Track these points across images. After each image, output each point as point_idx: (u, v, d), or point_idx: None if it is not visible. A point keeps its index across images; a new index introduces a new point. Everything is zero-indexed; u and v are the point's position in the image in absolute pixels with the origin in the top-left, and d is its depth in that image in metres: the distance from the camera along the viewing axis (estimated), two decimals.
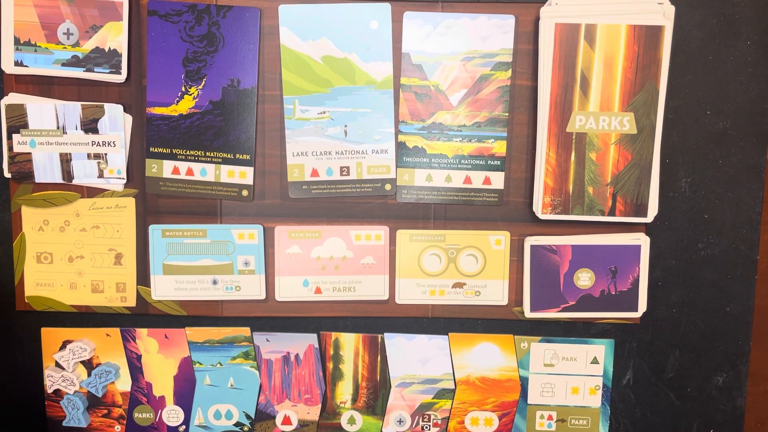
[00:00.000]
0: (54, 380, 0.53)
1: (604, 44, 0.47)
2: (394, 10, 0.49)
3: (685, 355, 0.53)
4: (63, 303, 0.52)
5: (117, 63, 0.49)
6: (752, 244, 0.51)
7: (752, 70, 0.49)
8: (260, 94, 0.50)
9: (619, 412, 0.54)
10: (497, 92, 0.49)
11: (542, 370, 0.53)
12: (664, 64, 0.47)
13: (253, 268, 0.51)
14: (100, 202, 0.51)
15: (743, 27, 0.49)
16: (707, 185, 0.51)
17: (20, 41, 0.48)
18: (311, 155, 0.50)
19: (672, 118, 0.50)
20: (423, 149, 0.50)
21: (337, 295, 0.52)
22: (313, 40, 0.49)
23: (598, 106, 0.48)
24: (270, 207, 0.51)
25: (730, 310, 0.52)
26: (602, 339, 0.53)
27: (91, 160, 0.50)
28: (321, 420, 0.54)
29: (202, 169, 0.50)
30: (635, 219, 0.49)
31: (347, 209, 0.51)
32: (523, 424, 0.54)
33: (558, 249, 0.51)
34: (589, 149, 0.49)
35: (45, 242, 0.51)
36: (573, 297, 0.51)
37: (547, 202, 0.49)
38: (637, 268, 0.51)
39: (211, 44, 0.49)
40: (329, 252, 0.51)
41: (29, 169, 0.50)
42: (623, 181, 0.49)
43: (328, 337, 0.53)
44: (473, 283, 0.52)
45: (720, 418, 0.53)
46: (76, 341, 0.53)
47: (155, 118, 0.50)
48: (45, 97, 0.49)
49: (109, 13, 0.48)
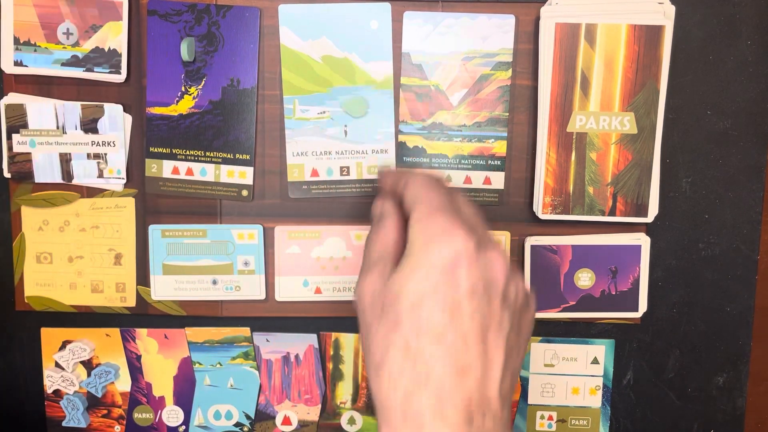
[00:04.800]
0: (54, 380, 0.53)
1: (605, 44, 0.47)
2: (394, 10, 0.49)
3: (686, 356, 0.53)
4: (63, 303, 0.52)
5: (117, 63, 0.48)
6: (752, 244, 0.51)
7: (753, 70, 0.49)
8: (260, 94, 0.50)
9: (619, 412, 0.54)
10: (497, 92, 0.49)
11: (542, 371, 0.53)
12: (664, 64, 0.47)
13: (252, 268, 0.51)
14: (99, 202, 0.51)
15: (744, 27, 0.49)
16: (707, 185, 0.51)
17: (20, 41, 0.48)
18: (311, 155, 0.50)
19: (672, 118, 0.50)
20: (423, 149, 0.50)
21: (337, 295, 0.52)
22: (313, 40, 0.49)
23: (598, 105, 0.48)
24: (270, 207, 0.51)
25: (730, 310, 0.52)
26: (602, 339, 0.53)
27: (91, 160, 0.50)
28: (321, 420, 0.54)
29: (201, 169, 0.50)
30: (635, 219, 0.49)
31: (347, 209, 0.51)
32: (524, 424, 0.54)
33: (558, 249, 0.51)
34: (590, 149, 0.49)
35: (45, 242, 0.51)
36: (573, 297, 0.51)
37: (548, 202, 0.49)
38: (638, 268, 0.51)
39: (210, 44, 0.49)
40: (329, 252, 0.51)
41: (29, 169, 0.50)
42: (624, 181, 0.49)
43: (328, 338, 0.53)
44: None
45: (720, 418, 0.53)
46: (75, 341, 0.53)
47: (155, 118, 0.50)
48: (45, 97, 0.49)
49: (109, 13, 0.48)
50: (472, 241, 0.32)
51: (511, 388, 0.33)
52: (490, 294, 0.32)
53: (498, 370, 0.31)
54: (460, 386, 0.30)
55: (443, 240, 0.32)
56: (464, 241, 0.32)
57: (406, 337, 0.31)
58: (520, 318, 0.34)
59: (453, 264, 0.31)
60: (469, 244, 0.32)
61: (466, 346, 0.31)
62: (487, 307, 0.32)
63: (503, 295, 0.32)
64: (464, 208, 0.36)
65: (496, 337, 0.32)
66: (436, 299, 0.31)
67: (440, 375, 0.30)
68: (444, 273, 0.31)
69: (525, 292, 0.34)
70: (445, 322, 0.31)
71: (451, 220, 0.32)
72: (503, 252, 0.33)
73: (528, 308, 0.35)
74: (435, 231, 0.32)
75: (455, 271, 0.31)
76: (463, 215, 0.34)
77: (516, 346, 0.33)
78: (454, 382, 0.30)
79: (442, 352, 0.30)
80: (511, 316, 0.33)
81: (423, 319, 0.31)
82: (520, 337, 0.34)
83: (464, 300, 0.31)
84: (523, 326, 0.34)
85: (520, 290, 0.34)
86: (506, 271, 0.33)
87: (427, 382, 0.30)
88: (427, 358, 0.30)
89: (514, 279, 0.33)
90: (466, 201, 0.37)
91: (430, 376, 0.30)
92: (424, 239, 0.32)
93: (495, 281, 0.32)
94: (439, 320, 0.31)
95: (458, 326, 0.31)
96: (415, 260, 0.32)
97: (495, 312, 0.32)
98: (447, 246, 0.32)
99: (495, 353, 0.31)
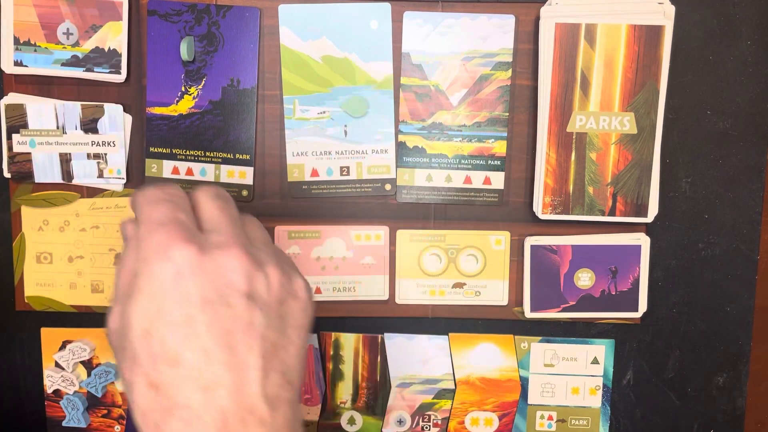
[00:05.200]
0: (54, 380, 0.53)
1: (605, 44, 0.47)
2: (394, 10, 0.49)
3: (686, 355, 0.53)
4: (63, 303, 0.52)
5: (117, 63, 0.49)
6: (752, 244, 0.51)
7: (752, 70, 0.49)
8: (260, 94, 0.50)
9: (619, 412, 0.54)
10: (497, 92, 0.49)
11: (542, 371, 0.53)
12: (664, 64, 0.47)
13: None
14: (99, 202, 0.51)
15: (743, 27, 0.49)
16: (707, 185, 0.51)
17: (20, 41, 0.48)
18: (311, 155, 0.50)
19: (672, 118, 0.50)
20: (423, 149, 0.50)
21: (337, 295, 0.52)
22: (313, 40, 0.49)
23: (598, 105, 0.48)
24: (270, 207, 0.51)
25: (730, 310, 0.52)
26: (602, 339, 0.53)
27: (91, 160, 0.50)
28: (321, 420, 0.54)
29: (201, 169, 0.50)
30: (635, 219, 0.49)
31: (347, 209, 0.51)
32: (523, 424, 0.54)
33: (558, 249, 0.51)
34: (590, 149, 0.49)
35: (45, 242, 0.51)
36: (573, 297, 0.51)
37: (548, 202, 0.49)
38: (638, 268, 0.51)
39: (210, 44, 0.49)
40: (329, 252, 0.51)
41: (29, 169, 0.50)
42: (623, 181, 0.49)
43: (328, 337, 0.53)
44: (473, 283, 0.52)
45: (720, 418, 0.53)
46: (76, 341, 0.53)
47: (155, 118, 0.50)
48: (45, 97, 0.49)
49: (109, 13, 0.48)
50: (192, 249, 0.29)
51: (283, 387, 0.30)
52: (229, 297, 0.29)
53: (255, 373, 0.29)
54: (208, 404, 0.28)
55: (159, 257, 0.29)
56: (182, 251, 0.29)
57: (146, 370, 0.29)
58: (280, 310, 0.31)
59: (175, 279, 0.29)
60: (188, 253, 0.29)
61: (209, 360, 0.28)
62: (227, 311, 0.29)
63: (248, 294, 0.30)
64: (203, 212, 0.33)
65: (246, 340, 0.29)
66: (163, 322, 0.29)
67: (185, 399, 0.28)
68: (166, 292, 0.29)
69: (281, 283, 0.32)
70: (177, 343, 0.28)
71: (169, 233, 0.30)
72: (244, 249, 0.31)
73: (293, 298, 0.32)
74: (150, 250, 0.30)
75: (179, 285, 0.29)
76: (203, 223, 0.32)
77: (281, 342, 0.31)
78: (201, 400, 0.28)
79: (182, 375, 0.28)
80: (264, 312, 0.30)
81: (155, 346, 0.29)
82: (286, 331, 0.31)
83: (197, 313, 0.29)
84: (289, 318, 0.32)
85: (274, 282, 0.31)
86: (245, 268, 0.30)
87: (173, 410, 0.28)
88: (168, 385, 0.28)
89: (261, 272, 0.31)
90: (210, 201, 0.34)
91: (175, 402, 0.28)
92: (143, 263, 0.30)
93: (231, 283, 0.30)
94: (171, 343, 0.28)
95: (194, 343, 0.28)
96: (139, 287, 0.29)
97: (240, 314, 0.29)
98: (164, 262, 0.29)
99: (248, 357, 0.29)
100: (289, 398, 0.30)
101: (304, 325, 0.33)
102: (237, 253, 0.30)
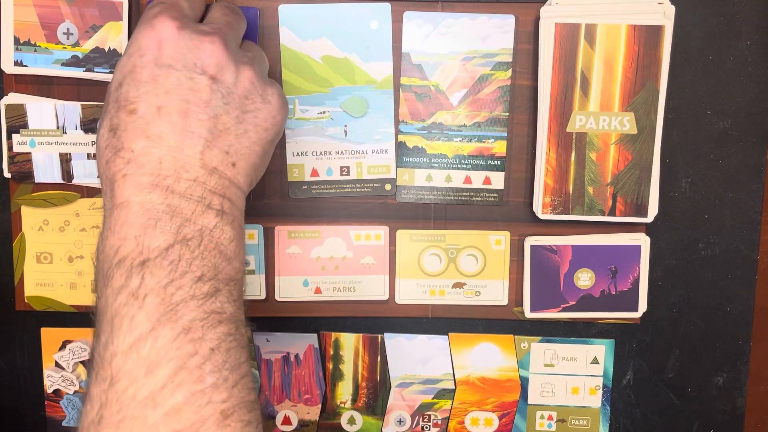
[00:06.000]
0: (54, 380, 0.53)
1: (605, 44, 0.47)
2: (394, 10, 0.49)
3: (685, 355, 0.53)
4: (63, 303, 0.52)
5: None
6: (752, 244, 0.51)
7: (752, 70, 0.49)
8: None
9: (619, 412, 0.54)
10: (497, 92, 0.49)
11: (542, 371, 0.53)
12: (664, 64, 0.47)
13: (253, 268, 0.51)
14: (99, 202, 0.51)
15: (743, 27, 0.49)
16: (707, 185, 0.51)
17: (20, 41, 0.48)
18: (311, 155, 0.50)
19: (672, 118, 0.50)
20: (423, 149, 0.50)
21: (337, 295, 0.52)
22: (313, 40, 0.49)
23: (598, 106, 0.48)
24: (270, 207, 0.51)
25: (730, 310, 0.52)
26: (602, 339, 0.53)
27: (91, 160, 0.50)
28: (321, 420, 0.54)
29: None
30: (635, 219, 0.49)
31: (347, 209, 0.51)
32: (523, 424, 0.54)
33: (558, 249, 0.51)
34: (590, 149, 0.49)
35: (45, 242, 0.51)
36: (573, 297, 0.51)
37: (547, 202, 0.49)
38: (638, 268, 0.51)
39: None
40: (329, 252, 0.51)
41: (29, 169, 0.50)
42: (623, 181, 0.49)
43: (328, 337, 0.53)
44: (473, 283, 0.52)
45: (720, 418, 0.53)
46: (76, 341, 0.53)
47: None
48: (45, 97, 0.49)
49: (109, 13, 0.48)
50: (174, 24, 0.34)
51: (223, 163, 0.35)
52: (193, 73, 0.34)
53: (198, 140, 0.34)
54: (148, 151, 0.33)
55: (145, 25, 0.35)
56: (164, 23, 0.34)
57: (111, 115, 0.35)
58: (242, 104, 0.36)
59: (151, 45, 0.34)
60: (169, 26, 0.34)
61: (159, 116, 0.34)
62: (189, 83, 0.34)
63: (212, 77, 0.35)
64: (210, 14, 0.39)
65: (198, 114, 0.34)
66: (132, 77, 0.34)
67: (130, 142, 0.34)
68: (143, 55, 0.34)
69: (251, 81, 0.36)
70: (137, 96, 0.34)
71: (161, 9, 0.35)
72: (224, 43, 0.35)
73: (262, 100, 0.37)
74: (143, 19, 0.36)
75: (154, 50, 0.34)
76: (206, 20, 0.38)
77: (234, 129, 0.35)
78: (144, 147, 0.33)
79: (134, 123, 0.34)
80: (224, 98, 0.35)
81: (121, 96, 0.34)
82: (243, 123, 0.36)
83: (161, 76, 0.34)
84: (250, 114, 0.36)
85: (243, 79, 0.36)
86: (218, 56, 0.35)
87: (120, 150, 0.34)
88: (122, 130, 0.34)
89: (233, 66, 0.35)
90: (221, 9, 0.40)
91: (123, 144, 0.34)
92: (135, 29, 0.36)
93: (201, 62, 0.34)
94: (133, 95, 0.34)
95: (152, 99, 0.34)
96: (126, 48, 0.35)
97: (200, 90, 0.34)
98: (147, 29, 0.34)
99: (196, 126, 0.34)
100: (229, 176, 0.35)
101: (267, 128, 0.37)
102: (216, 43, 0.35)
